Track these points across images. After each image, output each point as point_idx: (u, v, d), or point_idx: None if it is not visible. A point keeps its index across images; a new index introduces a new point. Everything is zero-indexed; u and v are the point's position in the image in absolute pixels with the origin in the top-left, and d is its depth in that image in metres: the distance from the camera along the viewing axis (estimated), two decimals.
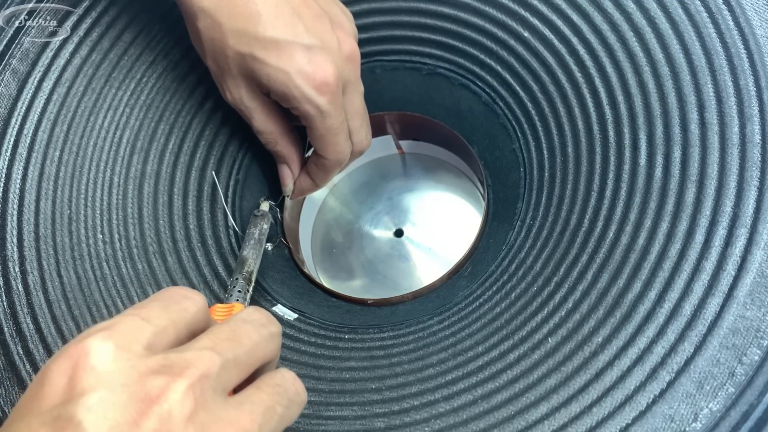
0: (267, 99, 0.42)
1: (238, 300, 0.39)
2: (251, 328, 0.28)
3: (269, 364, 0.29)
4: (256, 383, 0.27)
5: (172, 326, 0.26)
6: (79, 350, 0.24)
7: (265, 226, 0.43)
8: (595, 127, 0.40)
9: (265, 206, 0.44)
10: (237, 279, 0.40)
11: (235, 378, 0.26)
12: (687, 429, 0.31)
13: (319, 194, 0.58)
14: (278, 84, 0.39)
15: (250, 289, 0.41)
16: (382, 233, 0.55)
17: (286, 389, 0.27)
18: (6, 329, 0.39)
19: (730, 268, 0.33)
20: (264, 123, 0.44)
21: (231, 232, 0.48)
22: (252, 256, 0.42)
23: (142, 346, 0.25)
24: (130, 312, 0.26)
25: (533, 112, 0.44)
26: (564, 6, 0.42)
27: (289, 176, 0.48)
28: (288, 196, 0.49)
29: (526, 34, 0.44)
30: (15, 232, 0.41)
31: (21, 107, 0.43)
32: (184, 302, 0.27)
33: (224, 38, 0.39)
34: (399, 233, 0.55)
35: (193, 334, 0.27)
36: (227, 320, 0.28)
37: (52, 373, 0.24)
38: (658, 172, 0.37)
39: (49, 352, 0.38)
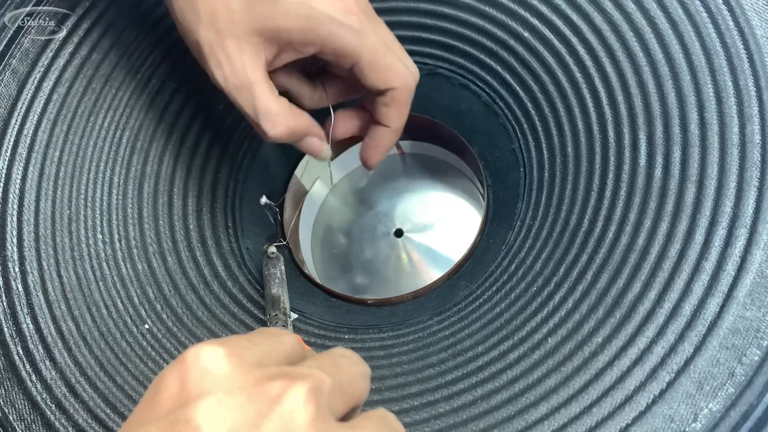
0: (266, 71, 0.37)
1: None
2: (349, 363, 0.27)
3: (359, 407, 0.27)
4: (365, 414, 0.26)
5: (274, 352, 0.25)
6: (192, 356, 0.23)
7: (282, 267, 0.45)
8: (595, 127, 0.40)
9: (273, 249, 0.45)
10: (276, 315, 0.42)
11: (341, 405, 0.25)
12: (687, 429, 0.31)
13: (319, 194, 0.58)
14: (300, 19, 0.35)
15: (290, 323, 0.42)
16: (382, 233, 0.55)
17: (390, 424, 0.26)
18: (6, 329, 0.39)
19: (730, 268, 0.33)
20: (268, 100, 0.37)
21: (231, 232, 0.48)
22: (283, 294, 0.44)
23: (252, 359, 0.24)
24: (235, 335, 0.26)
25: (533, 112, 0.44)
26: (564, 6, 0.42)
27: (316, 143, 0.42)
28: (325, 160, 0.44)
29: (526, 34, 0.44)
30: (15, 232, 0.41)
31: (21, 107, 0.43)
32: (282, 336, 0.27)
33: None
34: (399, 233, 0.55)
35: (292, 364, 0.26)
36: (324, 352, 0.27)
37: (166, 379, 0.23)
38: (658, 172, 0.37)
39: (49, 352, 0.38)
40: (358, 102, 0.43)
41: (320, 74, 0.43)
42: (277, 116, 0.38)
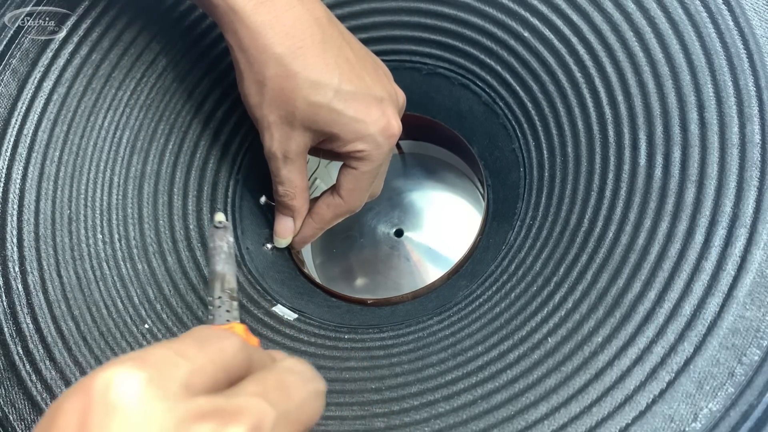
0: (306, 154, 0.43)
1: (228, 321, 0.34)
2: (299, 381, 0.23)
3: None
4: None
5: (210, 366, 0.21)
6: (99, 383, 0.19)
7: (231, 239, 0.36)
8: (595, 127, 0.40)
9: (221, 216, 0.38)
10: (221, 298, 0.34)
11: None
12: (687, 429, 0.31)
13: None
14: (352, 133, 0.40)
15: (236, 307, 0.35)
16: (382, 233, 0.55)
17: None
18: (6, 329, 0.39)
19: (730, 268, 0.33)
20: (295, 175, 0.44)
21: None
22: (229, 272, 0.35)
23: (178, 384, 0.20)
24: (162, 345, 0.21)
25: (533, 112, 0.44)
26: (564, 6, 0.42)
27: (291, 229, 0.47)
28: (280, 246, 0.49)
29: (526, 34, 0.44)
30: (15, 232, 0.41)
31: (21, 107, 0.43)
32: (220, 342, 0.22)
33: (298, 89, 0.39)
34: (399, 233, 0.55)
35: (231, 379, 0.22)
36: (270, 367, 0.24)
37: (63, 414, 0.19)
38: (658, 172, 0.37)
39: (49, 352, 0.38)
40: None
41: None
42: (293, 188, 0.44)
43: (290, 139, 0.41)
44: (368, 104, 0.40)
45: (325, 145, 0.42)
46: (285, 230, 0.47)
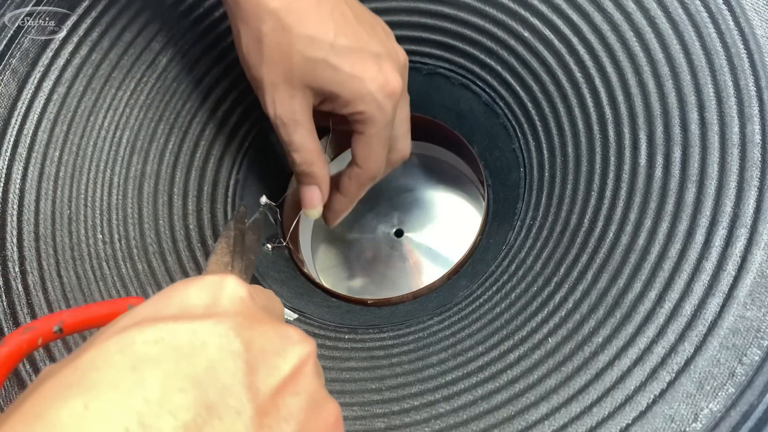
0: (311, 115, 0.42)
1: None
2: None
3: None
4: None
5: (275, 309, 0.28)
6: (220, 281, 0.24)
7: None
8: (595, 127, 0.40)
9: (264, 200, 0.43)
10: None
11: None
12: (687, 429, 0.31)
13: None
14: (350, 91, 0.39)
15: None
16: (382, 233, 0.55)
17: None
18: (6, 329, 0.39)
19: (731, 268, 0.33)
20: (307, 139, 0.42)
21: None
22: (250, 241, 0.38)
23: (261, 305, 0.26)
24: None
25: (533, 112, 0.44)
26: (564, 6, 0.42)
27: (318, 198, 0.45)
28: (313, 218, 0.47)
29: (526, 34, 0.44)
30: (15, 232, 0.41)
31: (21, 107, 0.43)
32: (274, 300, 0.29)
33: (293, 43, 0.38)
34: (399, 233, 0.55)
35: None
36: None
37: (195, 289, 0.23)
38: (658, 172, 0.37)
39: (48, 352, 0.38)
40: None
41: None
42: (308, 153, 0.42)
43: (293, 99, 0.40)
44: (364, 60, 0.39)
45: (327, 106, 0.41)
46: (313, 199, 0.45)
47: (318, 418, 0.23)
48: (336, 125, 0.46)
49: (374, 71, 0.39)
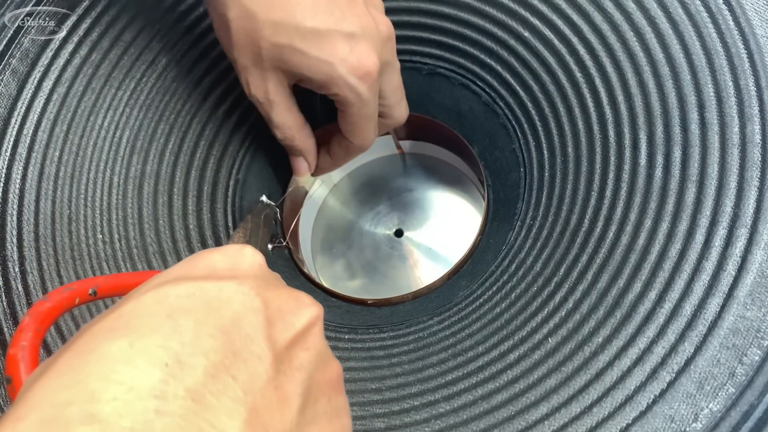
0: (289, 92, 0.42)
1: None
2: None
3: None
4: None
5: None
6: (239, 249, 0.27)
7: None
8: (595, 127, 0.40)
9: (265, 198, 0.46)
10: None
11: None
12: (687, 429, 0.31)
13: (319, 194, 0.58)
14: (320, 75, 0.39)
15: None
16: (382, 233, 0.55)
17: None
18: (6, 329, 0.39)
19: (731, 268, 0.33)
20: (284, 117, 0.43)
21: (231, 232, 0.48)
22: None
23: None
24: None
25: (533, 112, 0.44)
26: (564, 6, 0.42)
27: (305, 167, 0.47)
28: (301, 186, 0.49)
29: (526, 34, 0.44)
30: (15, 232, 0.41)
31: (21, 107, 0.43)
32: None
33: (259, 29, 0.38)
34: (399, 233, 0.55)
35: None
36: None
37: (218, 255, 0.26)
38: (659, 172, 0.37)
39: (48, 353, 0.38)
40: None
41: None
42: (288, 129, 0.44)
43: (266, 81, 0.40)
44: (334, 42, 0.38)
45: (304, 85, 0.41)
46: (300, 169, 0.48)
47: (324, 372, 0.25)
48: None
49: (344, 53, 0.38)
